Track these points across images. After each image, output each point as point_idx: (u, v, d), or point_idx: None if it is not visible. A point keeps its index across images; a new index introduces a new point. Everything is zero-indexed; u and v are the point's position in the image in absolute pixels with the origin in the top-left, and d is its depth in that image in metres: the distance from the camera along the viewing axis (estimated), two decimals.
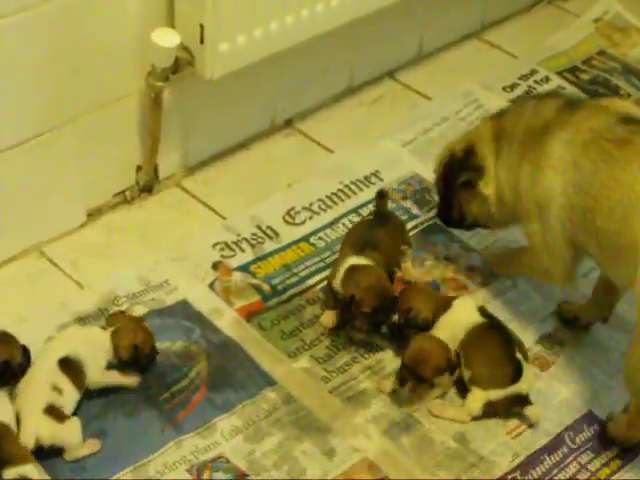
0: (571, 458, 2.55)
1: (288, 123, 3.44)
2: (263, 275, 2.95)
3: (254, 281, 2.93)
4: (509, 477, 2.50)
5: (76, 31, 2.71)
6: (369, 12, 3.20)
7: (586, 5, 4.07)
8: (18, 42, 2.61)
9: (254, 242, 3.04)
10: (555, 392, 2.69)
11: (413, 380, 2.57)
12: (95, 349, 2.54)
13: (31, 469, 2.32)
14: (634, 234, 2.42)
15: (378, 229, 2.86)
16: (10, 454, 2.33)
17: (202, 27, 2.80)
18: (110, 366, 2.57)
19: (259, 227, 3.08)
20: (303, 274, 2.95)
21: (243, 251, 3.01)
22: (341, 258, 2.80)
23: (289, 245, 3.03)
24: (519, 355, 2.61)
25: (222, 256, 2.98)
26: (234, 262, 2.97)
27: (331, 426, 2.58)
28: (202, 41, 2.83)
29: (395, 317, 2.71)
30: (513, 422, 2.61)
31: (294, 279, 2.94)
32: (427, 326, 2.68)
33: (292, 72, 2.99)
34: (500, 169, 2.73)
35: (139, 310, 2.78)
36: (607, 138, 2.52)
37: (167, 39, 2.80)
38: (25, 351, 2.50)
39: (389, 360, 2.74)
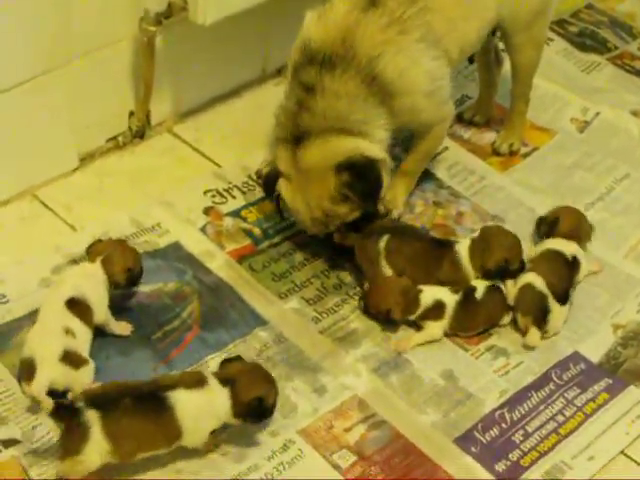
0: (557, 394, 2.59)
1: (279, 72, 3.45)
2: (254, 219, 2.97)
3: (245, 225, 2.96)
4: (496, 413, 2.54)
5: None
6: None
7: None
8: None
9: (245, 189, 3.07)
10: None
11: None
12: (94, 284, 2.54)
13: None
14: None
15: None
16: None
17: None
18: None
19: (250, 177, 3.11)
20: (294, 219, 2.98)
21: (234, 198, 3.03)
22: None
23: None
24: None
25: (213, 202, 3.01)
26: (225, 208, 3.00)
27: (321, 365, 2.61)
28: None
29: None
30: (500, 361, 2.65)
31: (285, 223, 2.96)
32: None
33: (284, 20, 2.99)
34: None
35: None
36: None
37: None
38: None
39: None
